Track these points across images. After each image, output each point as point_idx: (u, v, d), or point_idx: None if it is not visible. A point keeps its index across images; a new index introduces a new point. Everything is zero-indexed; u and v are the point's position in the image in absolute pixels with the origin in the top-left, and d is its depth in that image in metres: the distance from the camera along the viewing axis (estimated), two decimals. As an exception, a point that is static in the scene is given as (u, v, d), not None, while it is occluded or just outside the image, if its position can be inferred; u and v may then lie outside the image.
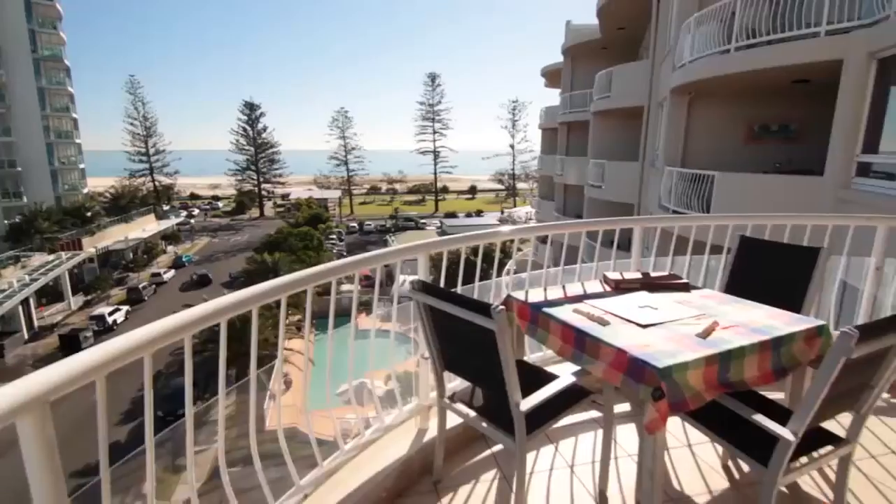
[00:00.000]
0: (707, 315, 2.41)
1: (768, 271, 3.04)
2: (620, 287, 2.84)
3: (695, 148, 11.05)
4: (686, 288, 2.83)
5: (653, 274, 2.99)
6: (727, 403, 2.06)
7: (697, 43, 9.46)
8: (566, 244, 3.64)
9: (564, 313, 2.46)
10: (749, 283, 3.06)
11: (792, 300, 2.76)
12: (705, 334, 2.18)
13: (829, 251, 2.79)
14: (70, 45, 60.62)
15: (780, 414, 2.18)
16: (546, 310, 2.52)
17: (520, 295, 2.77)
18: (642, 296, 2.71)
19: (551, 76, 29.36)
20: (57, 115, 57.90)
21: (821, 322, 2.31)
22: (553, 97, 32.45)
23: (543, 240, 28.11)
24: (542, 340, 2.53)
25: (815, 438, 2.07)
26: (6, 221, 47.53)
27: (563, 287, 2.88)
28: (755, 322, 2.32)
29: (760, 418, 1.92)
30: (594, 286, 2.90)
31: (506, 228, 3.45)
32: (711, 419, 2.22)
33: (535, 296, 2.76)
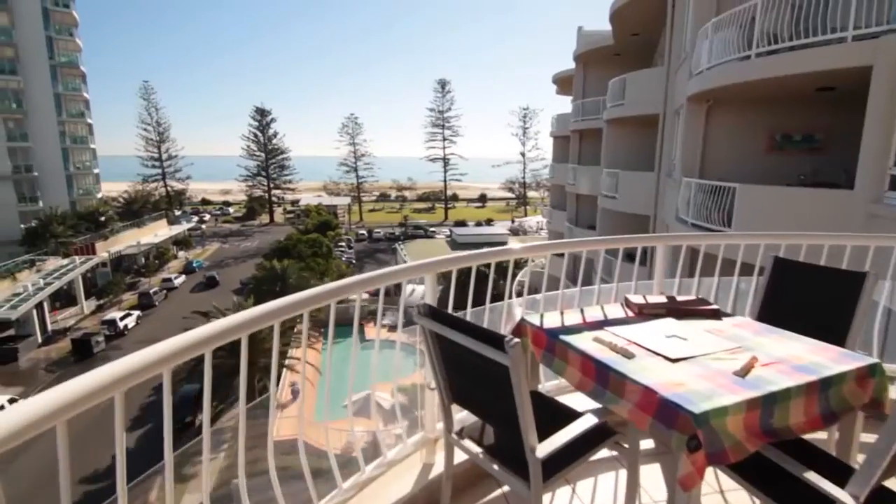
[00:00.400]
0: (742, 348, 2.17)
1: (806, 296, 2.79)
2: (644, 312, 2.60)
3: (713, 158, 10.76)
4: (716, 315, 2.59)
5: (679, 298, 2.75)
6: (771, 455, 1.82)
7: (715, 49, 9.21)
8: (584, 258, 3.42)
9: (584, 342, 2.23)
10: (784, 309, 2.81)
11: (833, 330, 2.50)
12: (744, 372, 1.94)
13: (875, 276, 2.53)
14: (84, 50, 61.54)
15: (828, 464, 1.93)
16: (563, 337, 2.29)
17: (534, 319, 2.55)
18: (669, 323, 2.47)
19: (563, 83, 29.15)
20: (72, 121, 58.71)
21: (873, 360, 2.05)
22: (565, 104, 32.23)
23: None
24: (558, 371, 2.30)
25: (876, 499, 1.82)
26: (22, 225, 48.12)
27: (582, 311, 2.65)
28: (798, 358, 2.07)
29: (814, 477, 1.68)
30: (615, 310, 2.67)
31: (518, 246, 3.24)
32: (748, 468, 1.98)
33: (551, 320, 2.53)
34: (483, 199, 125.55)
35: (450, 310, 2.84)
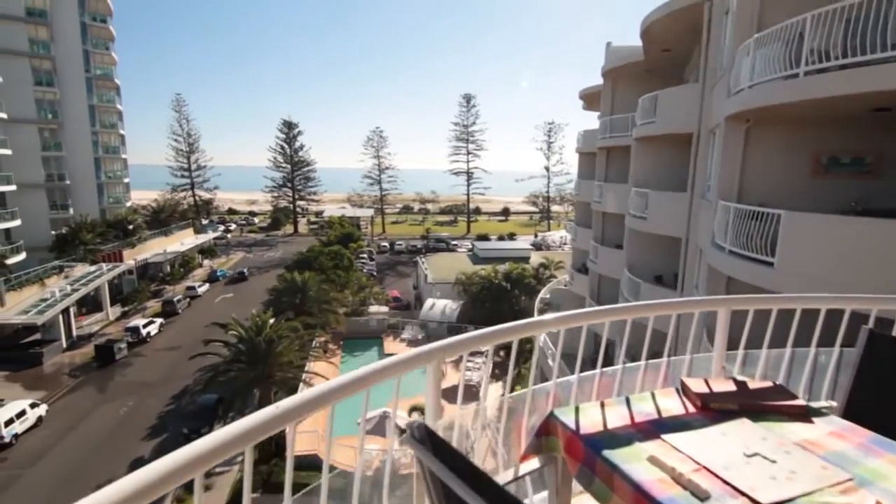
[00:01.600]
0: (854, 482, 1.59)
1: (916, 387, 2.19)
2: (709, 407, 2.03)
3: (753, 180, 10.06)
4: (804, 415, 2.01)
5: (750, 384, 2.18)
6: None
7: (758, 66, 8.58)
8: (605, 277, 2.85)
9: (636, 462, 1.68)
10: (885, 402, 2.21)
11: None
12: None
13: None
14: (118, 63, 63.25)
15: None
16: (608, 453, 1.74)
17: (567, 415, 2.00)
18: (744, 429, 1.90)
19: (590, 99, 28.56)
20: (106, 132, 60.34)
21: None
22: (590, 120, 31.61)
23: (580, 269, 26.65)
24: (601, 498, 1.74)
25: None
26: (53, 232, 49.29)
27: (627, 402, 2.09)
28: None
29: None
30: (670, 401, 2.11)
31: (549, 317, 2.67)
32: None
33: (589, 418, 1.98)
34: (506, 212, 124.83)
35: (483, 385, 2.30)
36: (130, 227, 56.51)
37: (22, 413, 26.77)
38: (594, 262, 22.74)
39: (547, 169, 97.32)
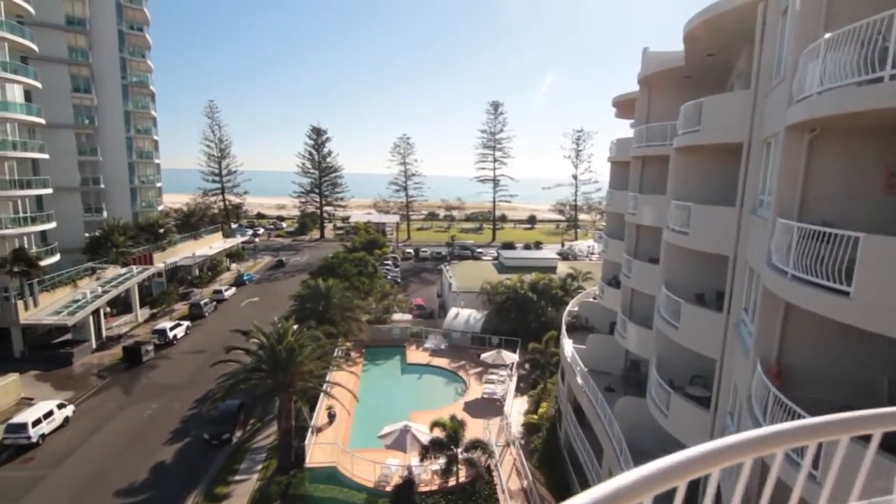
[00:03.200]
0: None
1: None
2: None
3: (816, 196, 9.11)
4: None
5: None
6: None
7: (829, 70, 7.68)
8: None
9: None
10: None
11: None
12: None
13: None
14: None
15: None
16: None
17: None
18: None
19: (624, 106, 27.56)
20: (140, 137, 61.70)
21: None
22: (622, 128, 30.53)
23: (611, 282, 25.60)
24: None
25: None
26: (86, 234, 50.35)
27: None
28: None
29: None
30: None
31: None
32: None
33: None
34: (532, 220, 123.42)
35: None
36: (161, 230, 57.45)
37: (49, 413, 27.03)
38: (627, 276, 21.72)
39: (575, 177, 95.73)
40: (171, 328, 40.98)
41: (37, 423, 26.04)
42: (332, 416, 28.34)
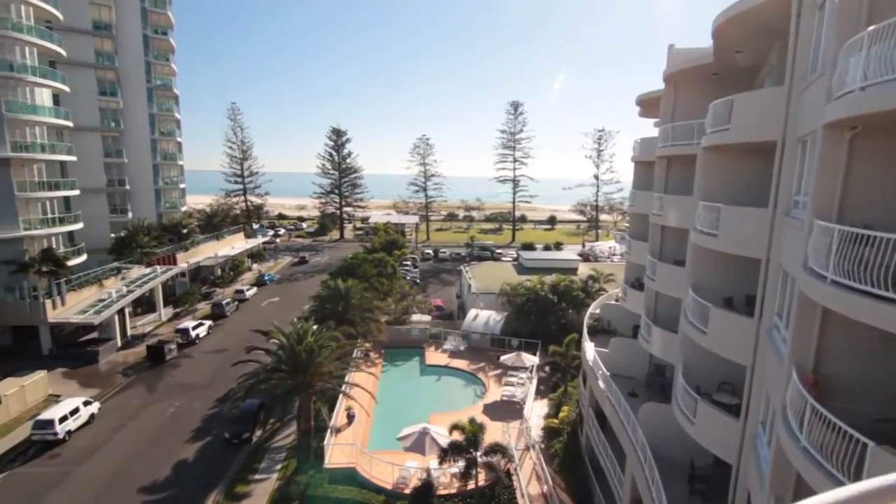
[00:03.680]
0: None
1: None
2: None
3: (857, 197, 8.65)
4: None
5: None
6: None
7: (873, 65, 7.26)
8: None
9: None
10: None
11: None
12: None
13: None
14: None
15: None
16: None
17: None
18: None
19: (648, 105, 26.97)
20: (164, 139, 62.78)
21: None
22: (646, 127, 29.91)
23: (634, 284, 25.05)
24: None
25: None
26: (112, 235, 51.36)
27: None
28: None
29: None
30: None
31: None
32: None
33: None
34: (552, 221, 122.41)
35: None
36: (184, 231, 58.35)
37: (76, 410, 27.54)
38: (651, 278, 21.21)
39: (596, 177, 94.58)
40: (194, 327, 41.54)
41: (63, 419, 26.54)
42: (350, 417, 28.33)
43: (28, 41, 37.61)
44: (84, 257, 43.55)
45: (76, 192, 43.46)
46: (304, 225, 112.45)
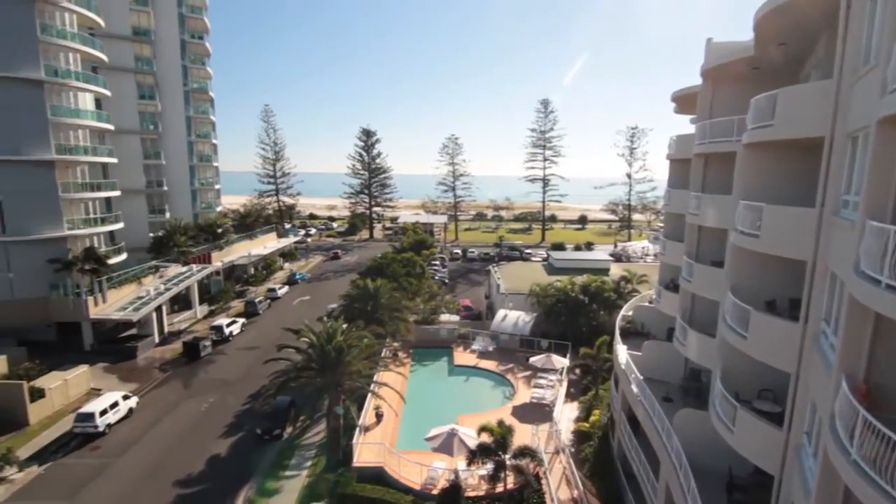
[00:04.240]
0: None
1: None
2: None
3: (914, 196, 8.11)
4: None
5: None
6: None
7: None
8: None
9: None
10: None
11: None
12: None
13: None
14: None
15: None
16: None
17: None
18: None
19: (684, 101, 26.14)
20: (200, 141, 64.49)
21: None
22: (681, 124, 29.02)
23: (669, 286, 24.38)
24: None
25: None
26: (150, 234, 53.00)
27: None
28: None
29: None
30: None
31: None
32: None
33: None
34: (583, 220, 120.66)
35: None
36: (219, 230, 59.79)
37: (115, 404, 28.45)
38: (688, 280, 20.51)
39: (629, 176, 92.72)
40: (228, 325, 42.48)
41: (103, 413, 27.45)
42: (379, 416, 28.43)
43: (72, 47, 39.08)
44: (124, 256, 45.03)
45: (117, 193, 44.96)
46: (335, 224, 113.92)
